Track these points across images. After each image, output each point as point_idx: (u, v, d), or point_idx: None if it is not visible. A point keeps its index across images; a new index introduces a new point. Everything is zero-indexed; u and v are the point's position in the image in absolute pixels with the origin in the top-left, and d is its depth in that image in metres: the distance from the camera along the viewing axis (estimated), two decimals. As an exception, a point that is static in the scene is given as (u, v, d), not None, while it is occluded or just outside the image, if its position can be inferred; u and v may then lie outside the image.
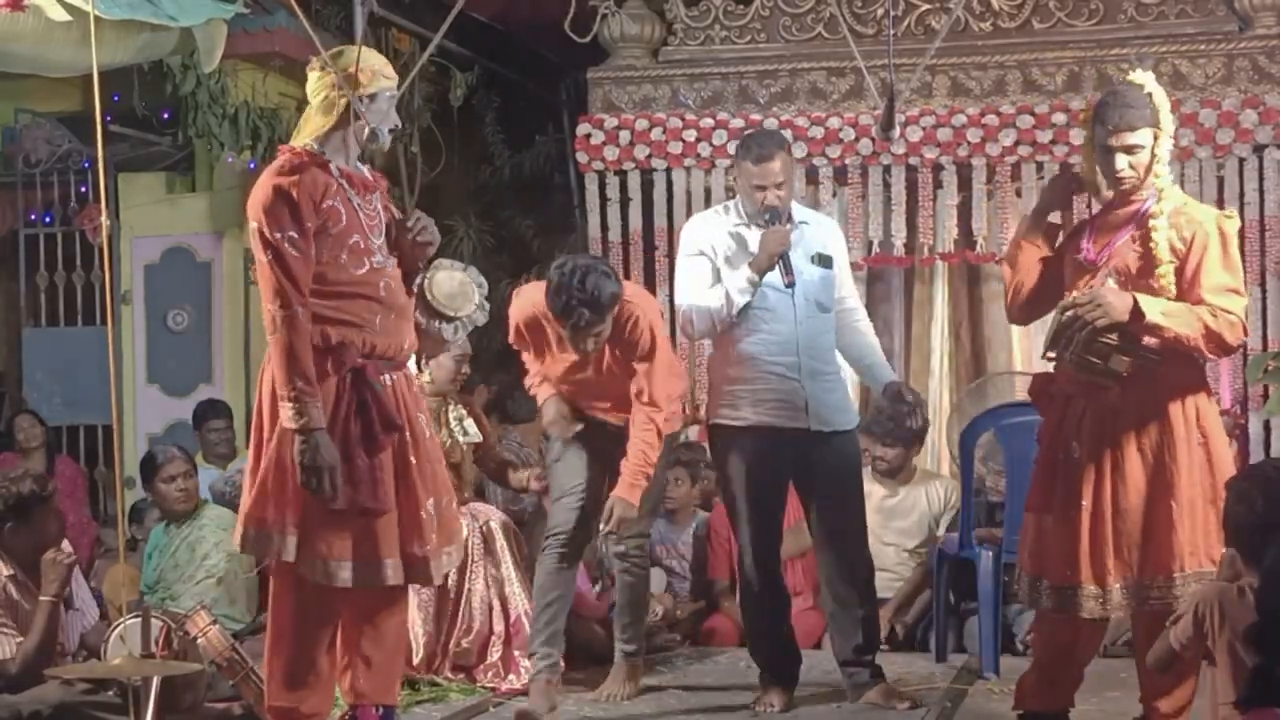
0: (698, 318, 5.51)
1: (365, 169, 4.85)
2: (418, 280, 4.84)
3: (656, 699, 5.92)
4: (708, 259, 5.57)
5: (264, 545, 4.62)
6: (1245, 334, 4.81)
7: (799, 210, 5.72)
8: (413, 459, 4.73)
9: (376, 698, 4.90)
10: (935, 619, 6.58)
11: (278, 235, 4.52)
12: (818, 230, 5.67)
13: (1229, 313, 4.71)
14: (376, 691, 4.89)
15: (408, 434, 4.73)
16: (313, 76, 4.72)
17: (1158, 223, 4.73)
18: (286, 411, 4.50)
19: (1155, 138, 4.76)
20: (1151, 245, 4.74)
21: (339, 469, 4.53)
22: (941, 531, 6.95)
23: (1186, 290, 4.73)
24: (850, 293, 5.83)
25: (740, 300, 5.41)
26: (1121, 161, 4.75)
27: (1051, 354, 4.85)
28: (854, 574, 5.59)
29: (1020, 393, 7.68)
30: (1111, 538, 4.74)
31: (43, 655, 5.17)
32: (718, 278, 5.52)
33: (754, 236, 5.50)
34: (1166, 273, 4.72)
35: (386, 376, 4.71)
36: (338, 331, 4.59)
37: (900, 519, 6.98)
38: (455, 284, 5.24)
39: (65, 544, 5.68)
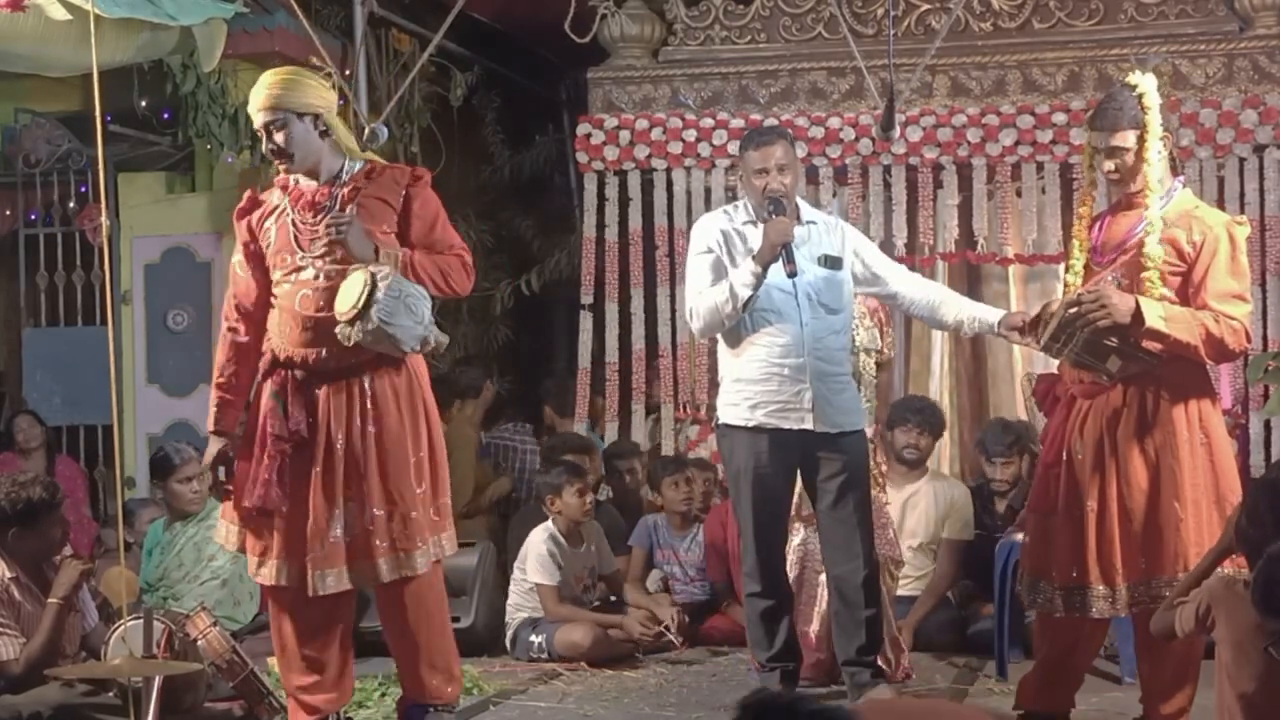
0: (703, 314, 5.50)
1: (339, 188, 4.89)
2: None
3: (657, 699, 5.92)
4: (715, 255, 5.56)
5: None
6: (1248, 340, 4.81)
7: (808, 210, 5.71)
8: (316, 469, 4.83)
9: (410, 695, 5.11)
10: (997, 625, 6.16)
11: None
12: (826, 232, 5.66)
13: (1232, 319, 4.71)
14: (408, 689, 5.11)
15: (321, 446, 4.83)
16: None
17: (1150, 241, 4.74)
18: None
19: (1141, 139, 4.78)
20: (1143, 258, 4.76)
21: (218, 469, 5.02)
22: (948, 533, 6.94)
23: (1192, 294, 4.75)
24: (891, 270, 5.75)
25: (744, 294, 5.38)
26: (1106, 164, 4.84)
27: (1046, 347, 4.86)
28: (859, 574, 5.58)
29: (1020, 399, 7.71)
30: (1119, 538, 4.75)
31: (48, 656, 5.17)
32: (723, 274, 5.50)
33: (759, 234, 5.48)
34: (1152, 278, 4.73)
35: (324, 384, 4.86)
36: (266, 342, 4.98)
37: (907, 516, 6.96)
38: (350, 281, 4.72)
39: (67, 548, 5.70)
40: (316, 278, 4.85)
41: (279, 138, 4.86)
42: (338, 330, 4.72)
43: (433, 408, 5.03)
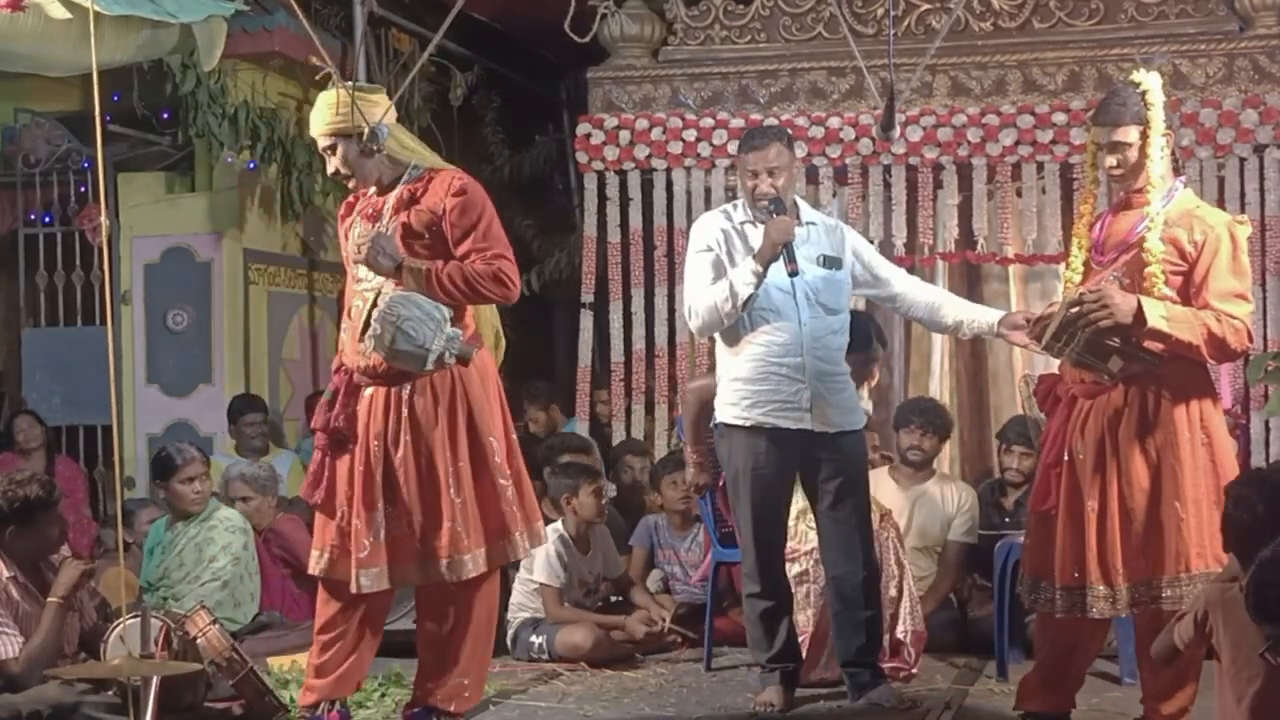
0: (702, 312, 5.49)
1: (390, 197, 5.04)
2: None
3: (657, 699, 5.92)
4: (714, 254, 5.56)
5: None
6: (1250, 340, 4.81)
7: (807, 211, 5.71)
8: (359, 470, 4.97)
9: (419, 699, 5.15)
10: (997, 625, 6.14)
11: None
12: (825, 233, 5.65)
13: (1234, 318, 4.71)
14: (420, 693, 5.16)
15: (361, 449, 4.98)
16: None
17: (1151, 237, 4.74)
18: None
19: (1144, 135, 4.78)
20: (1144, 253, 4.76)
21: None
22: (952, 535, 6.94)
23: (1194, 294, 4.75)
24: (892, 271, 5.79)
25: (744, 292, 5.38)
26: (1108, 159, 4.84)
27: (1047, 347, 4.86)
28: (858, 574, 5.57)
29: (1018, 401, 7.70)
30: (1120, 538, 4.74)
31: (47, 656, 5.17)
32: (722, 273, 5.50)
33: (759, 233, 5.48)
34: (1155, 272, 4.73)
35: (369, 388, 5.01)
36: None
37: (915, 516, 6.94)
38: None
39: (65, 549, 5.69)
40: (365, 288, 5.03)
41: (335, 161, 5.06)
42: (360, 346, 4.98)
43: (484, 416, 5.04)
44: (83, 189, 8.75)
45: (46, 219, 8.95)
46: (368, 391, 5.01)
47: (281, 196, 8.76)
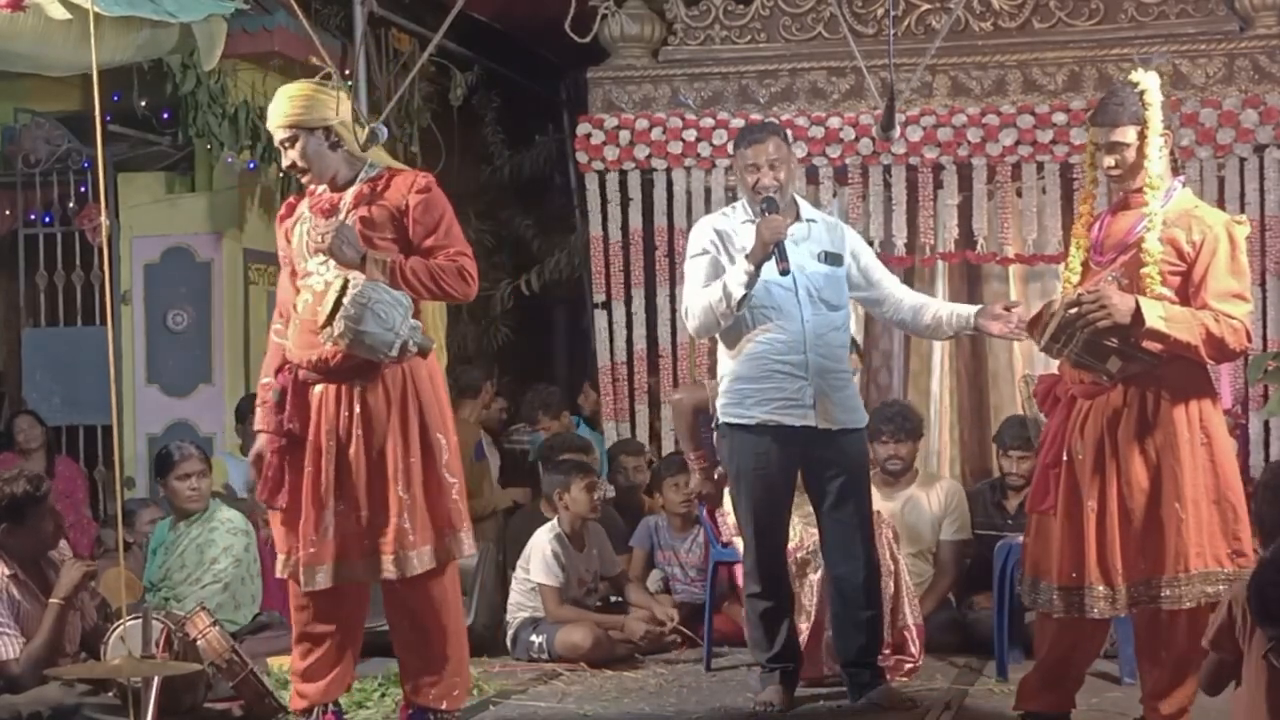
0: (698, 313, 5.50)
1: (348, 193, 5.02)
2: None
3: (657, 699, 5.92)
4: (710, 255, 5.56)
5: None
6: (1249, 340, 4.81)
7: (808, 209, 5.72)
8: (308, 467, 4.97)
9: (409, 699, 5.15)
10: (997, 625, 6.16)
11: None
12: (826, 230, 5.66)
13: (1232, 318, 4.72)
14: (408, 693, 5.15)
15: (312, 447, 4.96)
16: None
17: (1149, 237, 4.74)
18: None
19: (1142, 135, 4.78)
20: (1142, 254, 4.76)
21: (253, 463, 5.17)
22: (945, 534, 6.95)
23: (1192, 294, 4.75)
24: (885, 275, 5.80)
25: (738, 293, 5.38)
26: (1106, 159, 4.85)
27: (1045, 348, 4.87)
28: (859, 574, 5.58)
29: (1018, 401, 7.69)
30: (1119, 538, 4.75)
31: (48, 656, 5.17)
32: (719, 274, 5.50)
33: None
34: (1151, 273, 4.74)
35: (319, 386, 5.00)
36: (284, 343, 5.11)
37: (907, 519, 6.94)
38: (330, 289, 4.91)
39: (64, 546, 5.68)
40: (318, 284, 4.98)
41: (293, 154, 5.04)
42: (319, 335, 4.87)
43: (434, 414, 5.03)
44: (83, 189, 8.74)
45: (46, 219, 8.95)
46: (317, 389, 4.99)
47: (281, 196, 8.75)
